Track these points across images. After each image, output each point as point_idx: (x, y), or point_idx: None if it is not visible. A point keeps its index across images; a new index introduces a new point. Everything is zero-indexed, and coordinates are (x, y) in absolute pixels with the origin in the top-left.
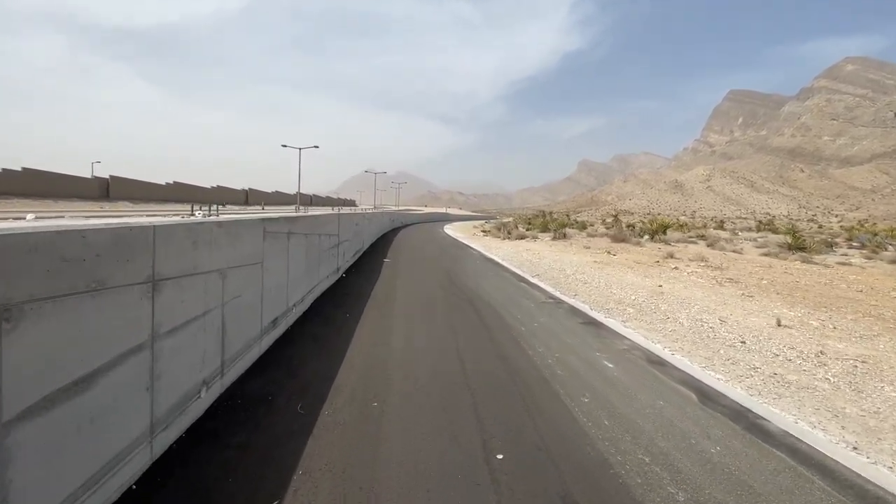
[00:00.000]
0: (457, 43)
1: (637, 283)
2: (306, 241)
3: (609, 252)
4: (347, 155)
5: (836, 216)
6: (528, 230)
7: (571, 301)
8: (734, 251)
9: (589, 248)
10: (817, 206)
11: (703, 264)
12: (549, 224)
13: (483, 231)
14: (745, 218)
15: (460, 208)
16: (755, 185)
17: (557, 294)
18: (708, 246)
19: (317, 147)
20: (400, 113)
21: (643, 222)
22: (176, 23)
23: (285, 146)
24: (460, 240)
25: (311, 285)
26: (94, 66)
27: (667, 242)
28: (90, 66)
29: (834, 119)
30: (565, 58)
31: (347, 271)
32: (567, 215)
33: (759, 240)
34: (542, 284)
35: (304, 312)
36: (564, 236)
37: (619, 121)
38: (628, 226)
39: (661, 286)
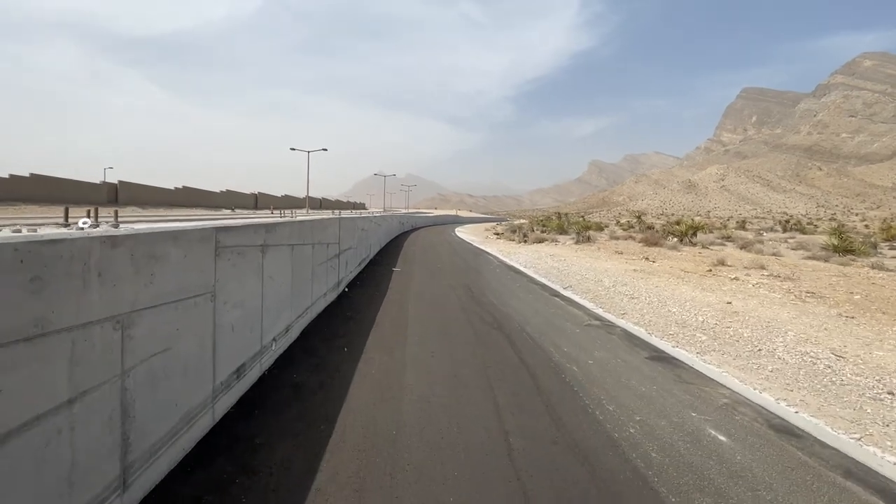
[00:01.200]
0: (465, 43)
1: (697, 299)
2: (293, 254)
3: (647, 258)
4: (358, 157)
5: (857, 214)
6: (544, 232)
7: (622, 323)
8: (773, 254)
9: (621, 252)
10: (836, 205)
11: (765, 273)
12: (566, 225)
13: (496, 234)
14: (763, 217)
15: (470, 210)
16: (771, 183)
17: (602, 313)
18: (741, 249)
19: (325, 150)
20: (409, 114)
21: (668, 223)
22: (189, 29)
23: (294, 149)
24: (475, 244)
25: (300, 309)
26: (108, 72)
27: (697, 245)
28: (104, 71)
29: (852, 116)
30: (574, 57)
31: (351, 284)
32: (581, 216)
33: (790, 241)
34: (579, 299)
35: (290, 346)
36: (588, 239)
37: (629, 120)
38: (648, 227)
39: (730, 303)
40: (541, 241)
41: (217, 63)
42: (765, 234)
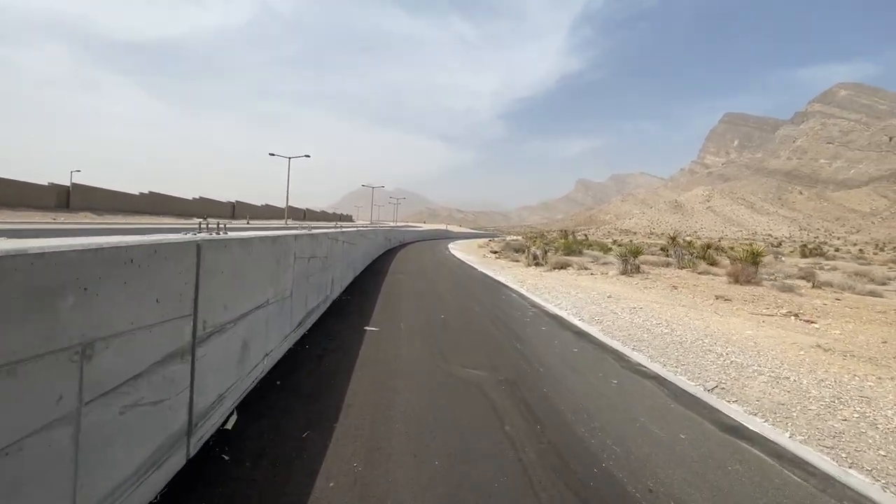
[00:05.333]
0: (457, 62)
1: None
2: None
3: (792, 313)
4: (347, 171)
5: (838, 238)
6: (545, 252)
7: None
8: (851, 291)
9: (725, 297)
10: (818, 228)
11: None
12: (574, 245)
13: (493, 252)
14: (750, 240)
15: (460, 225)
16: (755, 206)
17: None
18: (804, 279)
19: (308, 156)
20: (399, 130)
21: (689, 245)
22: (178, 37)
23: (273, 154)
24: (479, 268)
25: None
26: (96, 78)
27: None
28: (92, 77)
29: (829, 143)
30: (564, 78)
31: (260, 391)
32: (574, 234)
33: (825, 268)
34: (815, 457)
35: None
36: (638, 269)
37: (616, 141)
38: (662, 248)
39: None
40: (562, 266)
41: (208, 72)
42: (784, 258)
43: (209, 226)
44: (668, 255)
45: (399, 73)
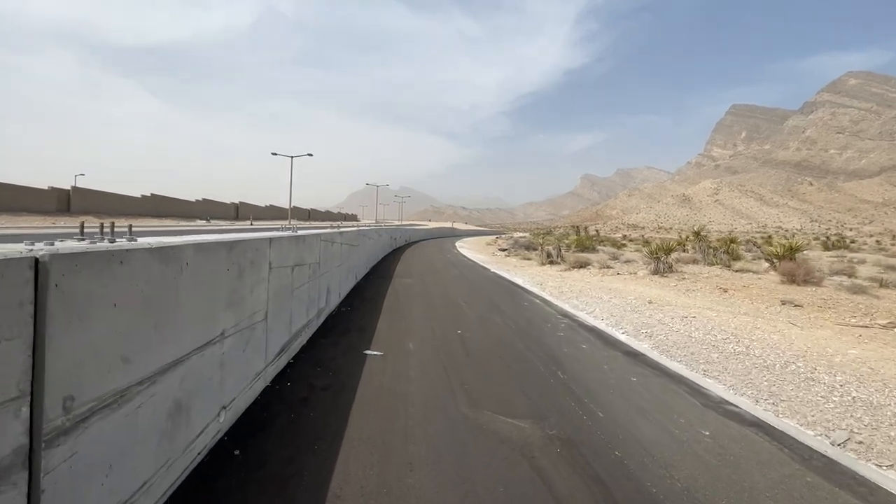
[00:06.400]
0: (461, 58)
1: None
2: None
3: (885, 323)
4: (352, 170)
5: (851, 230)
6: (560, 250)
7: None
8: None
9: (797, 305)
10: (829, 220)
11: None
12: (587, 241)
13: (501, 250)
14: (762, 232)
15: (465, 223)
16: (764, 198)
17: None
18: (845, 275)
19: (310, 155)
20: (403, 127)
21: (721, 238)
22: (185, 40)
23: (275, 154)
24: (490, 268)
25: None
26: (102, 82)
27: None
28: (98, 81)
29: (839, 132)
30: (568, 73)
31: (207, 470)
32: (586, 229)
33: (853, 261)
34: None
35: None
36: (671, 269)
37: (621, 135)
38: (678, 243)
39: None
40: (582, 265)
41: (213, 74)
42: (806, 252)
43: (104, 230)
44: (684, 250)
45: (403, 71)
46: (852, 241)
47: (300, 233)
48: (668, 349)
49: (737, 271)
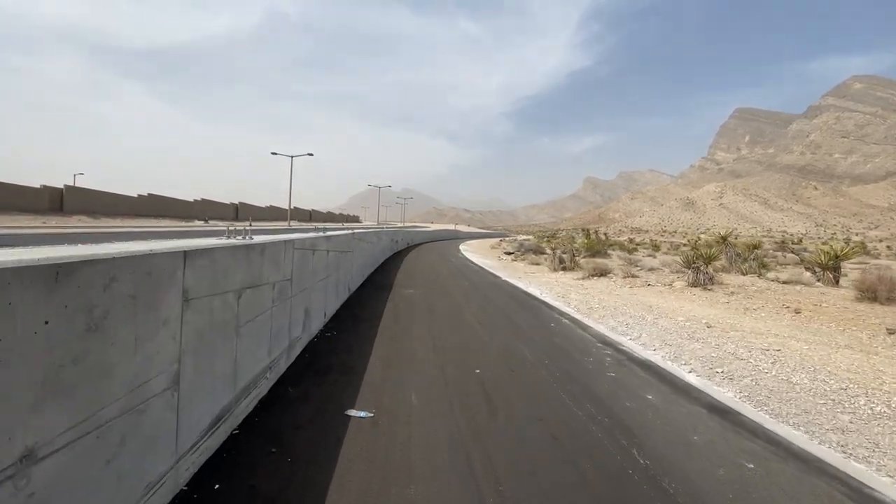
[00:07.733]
0: (464, 60)
1: None
2: None
3: None
4: (354, 171)
5: (857, 235)
6: (573, 256)
7: None
8: None
9: None
10: (834, 224)
11: None
12: (598, 245)
13: (507, 253)
14: (768, 237)
15: (468, 225)
16: (768, 202)
17: None
18: None
19: (311, 155)
20: (406, 129)
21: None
22: (189, 42)
23: (275, 153)
24: (500, 275)
25: None
26: (108, 84)
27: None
28: (104, 83)
29: (844, 137)
30: (571, 75)
31: None
32: (596, 232)
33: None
34: None
35: None
36: (711, 280)
37: (624, 138)
38: (708, 247)
39: None
40: (602, 272)
41: (218, 77)
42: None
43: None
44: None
45: (405, 73)
46: (863, 245)
47: (253, 242)
48: (767, 402)
49: (785, 282)
